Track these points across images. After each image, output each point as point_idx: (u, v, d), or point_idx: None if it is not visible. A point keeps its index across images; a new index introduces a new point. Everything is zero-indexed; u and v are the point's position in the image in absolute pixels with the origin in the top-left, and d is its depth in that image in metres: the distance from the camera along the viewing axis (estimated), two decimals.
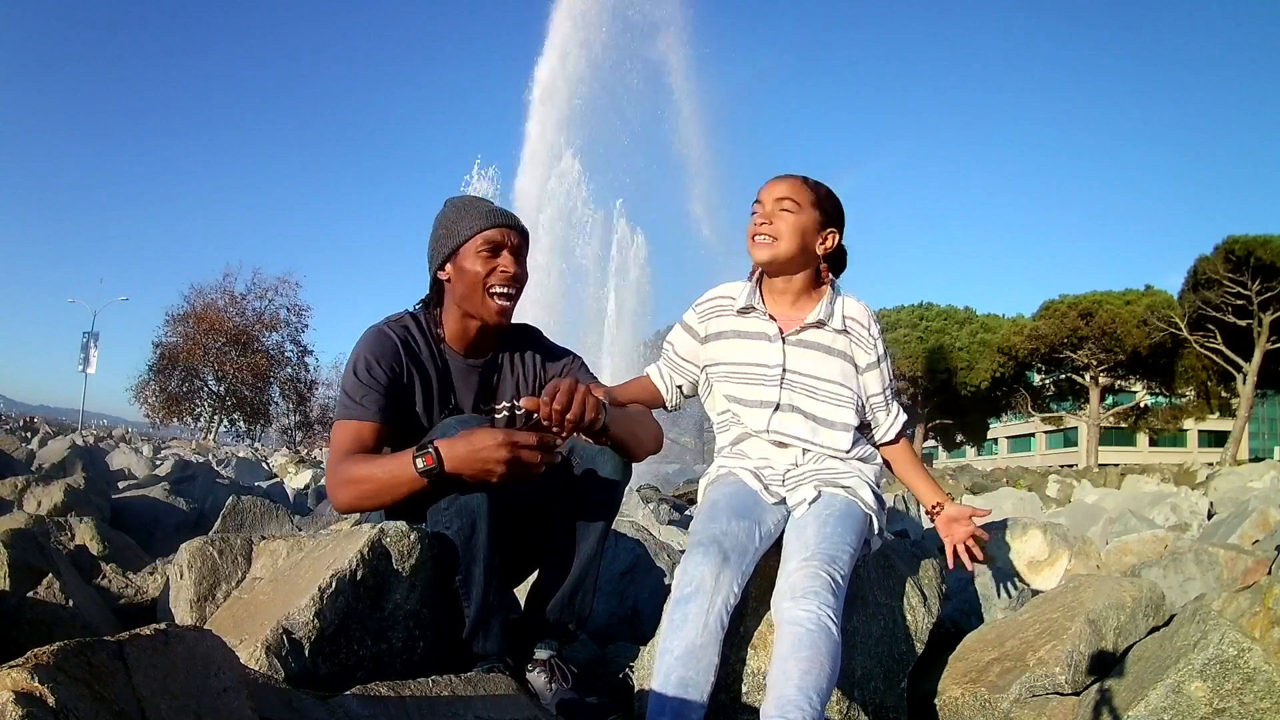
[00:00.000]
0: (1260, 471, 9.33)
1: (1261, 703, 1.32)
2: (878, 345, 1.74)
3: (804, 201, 1.70)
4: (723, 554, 1.45)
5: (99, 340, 32.73)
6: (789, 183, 1.73)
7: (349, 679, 1.29)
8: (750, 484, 1.66)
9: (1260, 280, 27.38)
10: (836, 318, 1.72)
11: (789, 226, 1.69)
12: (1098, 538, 4.31)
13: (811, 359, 1.71)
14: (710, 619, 1.38)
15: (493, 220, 1.68)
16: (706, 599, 1.39)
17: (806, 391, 1.70)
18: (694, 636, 1.36)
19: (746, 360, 1.74)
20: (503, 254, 1.68)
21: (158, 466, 7.18)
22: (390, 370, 1.64)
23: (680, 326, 1.86)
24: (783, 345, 1.72)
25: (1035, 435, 55.29)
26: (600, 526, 1.65)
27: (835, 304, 1.74)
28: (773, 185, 1.74)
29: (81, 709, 0.70)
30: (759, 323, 1.75)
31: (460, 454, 1.43)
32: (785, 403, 1.70)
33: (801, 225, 1.69)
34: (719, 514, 1.56)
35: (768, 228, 1.70)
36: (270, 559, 1.59)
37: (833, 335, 1.72)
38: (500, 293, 1.67)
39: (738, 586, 1.45)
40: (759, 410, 1.71)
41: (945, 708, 1.64)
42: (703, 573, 1.42)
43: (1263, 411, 49.96)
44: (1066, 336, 33.91)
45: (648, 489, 5.20)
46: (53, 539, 2.26)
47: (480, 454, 1.41)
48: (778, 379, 1.71)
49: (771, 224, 1.70)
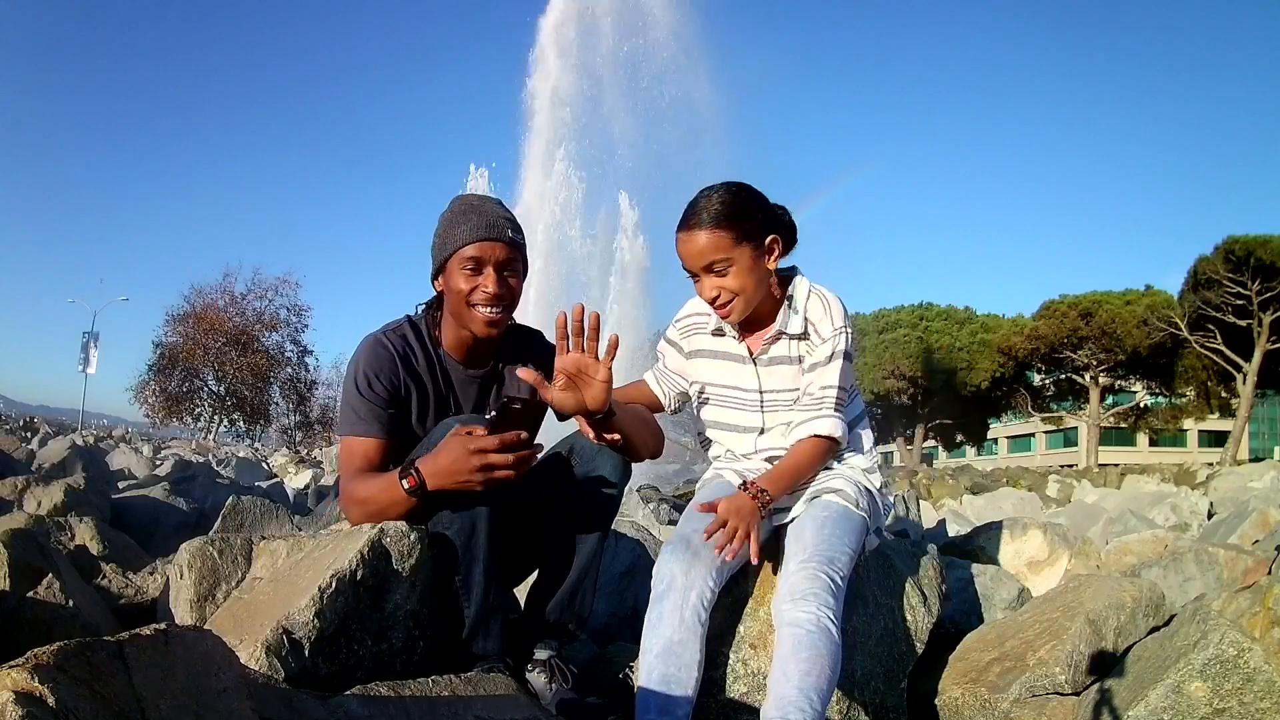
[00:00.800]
0: (1260, 471, 9.32)
1: (1261, 703, 1.32)
2: (831, 343, 1.62)
3: (728, 248, 1.57)
4: (691, 550, 1.46)
5: (99, 340, 32.74)
6: (698, 238, 1.57)
7: (349, 679, 1.29)
8: (735, 483, 1.66)
9: (1260, 280, 27.37)
10: (797, 322, 1.65)
11: (736, 281, 1.58)
12: (1098, 538, 4.31)
13: (783, 375, 1.68)
14: (685, 614, 1.40)
15: (475, 234, 1.61)
16: (680, 595, 1.41)
17: (787, 407, 1.68)
18: (670, 633, 1.38)
19: (726, 383, 1.73)
20: (485, 271, 1.62)
21: (158, 466, 7.17)
22: (389, 384, 1.64)
23: (665, 340, 1.84)
24: (755, 368, 1.69)
25: (1035, 435, 55.27)
26: (601, 527, 1.65)
27: (796, 308, 1.66)
28: (689, 250, 1.59)
29: (81, 709, 0.70)
30: (731, 344, 1.72)
31: (439, 470, 1.45)
32: (768, 424, 1.69)
33: (744, 270, 1.58)
34: (694, 514, 1.57)
35: (723, 296, 1.60)
36: (270, 559, 1.59)
37: (795, 344, 1.67)
38: (484, 310, 1.63)
39: (712, 581, 1.46)
40: (745, 435, 1.71)
41: (945, 708, 1.64)
42: (672, 570, 1.44)
43: (1263, 411, 49.95)
44: (1066, 336, 33.90)
45: (648, 489, 5.19)
46: (53, 539, 2.26)
47: (454, 468, 1.42)
48: (758, 403, 1.69)
49: (721, 290, 1.59)
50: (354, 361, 1.66)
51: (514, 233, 1.67)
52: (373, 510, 1.54)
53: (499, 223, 1.65)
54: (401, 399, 1.66)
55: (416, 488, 1.47)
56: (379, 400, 1.63)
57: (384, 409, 1.63)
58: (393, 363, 1.65)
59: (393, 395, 1.65)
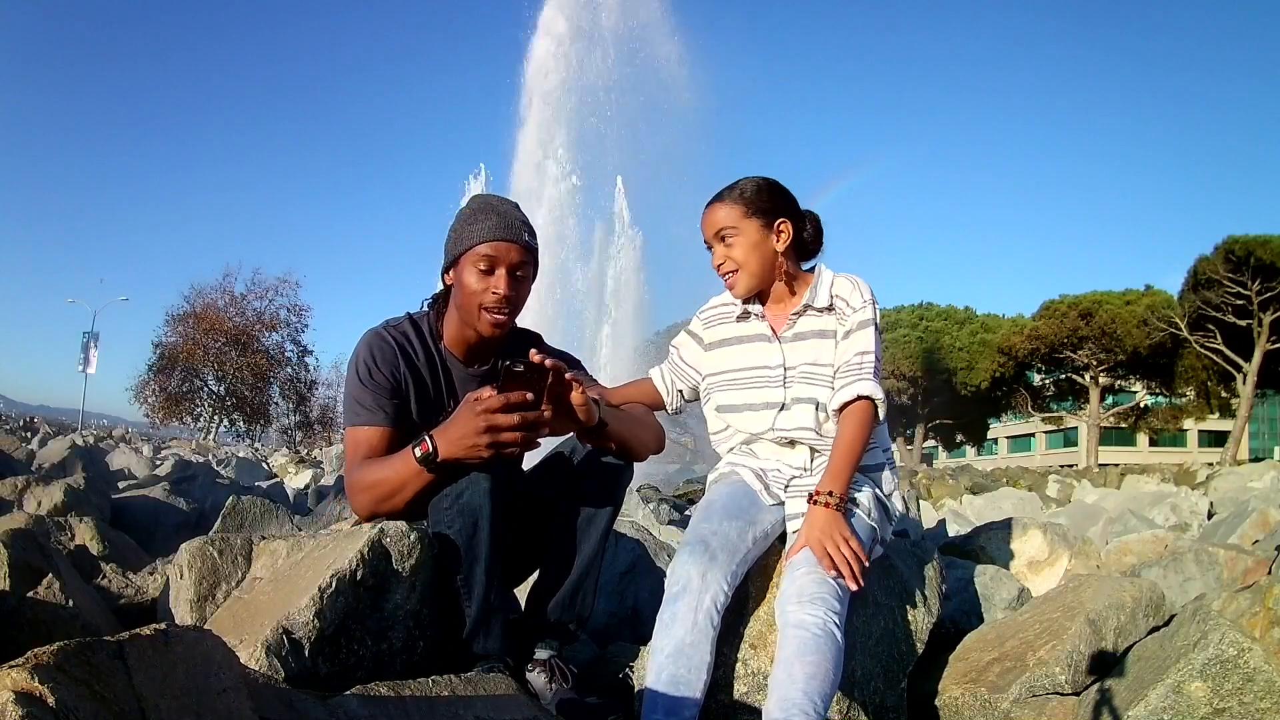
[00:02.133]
0: (1260, 471, 9.32)
1: (1261, 703, 1.32)
2: (861, 313, 1.66)
3: (738, 219, 1.68)
4: (710, 553, 1.46)
5: (99, 340, 32.73)
6: (716, 210, 1.71)
7: (349, 679, 1.29)
8: (751, 483, 1.66)
9: (1260, 280, 27.38)
10: (823, 297, 1.70)
11: (741, 252, 1.68)
12: (1098, 538, 4.31)
13: (808, 348, 1.69)
14: (699, 617, 1.39)
15: (493, 234, 1.62)
16: (694, 598, 1.41)
17: (808, 380, 1.68)
18: (683, 635, 1.38)
19: (748, 365, 1.74)
20: (497, 272, 1.62)
21: (158, 466, 7.17)
22: (391, 375, 1.64)
23: (686, 333, 1.87)
24: (780, 345, 1.71)
25: (1035, 435, 55.26)
26: (602, 527, 1.65)
27: (822, 285, 1.71)
28: (706, 219, 1.73)
29: (81, 709, 0.70)
30: (756, 325, 1.75)
31: (451, 437, 1.44)
32: (791, 399, 1.68)
33: (749, 243, 1.68)
34: (712, 514, 1.57)
35: (726, 265, 1.70)
36: (270, 559, 1.59)
37: (822, 317, 1.70)
38: (492, 312, 1.63)
39: (727, 585, 1.45)
40: (763, 412, 1.70)
41: (945, 708, 1.64)
42: (689, 572, 1.44)
43: (1263, 411, 49.96)
44: (1066, 336, 33.92)
45: (648, 489, 5.20)
46: (53, 539, 2.26)
47: (463, 433, 1.42)
48: (780, 378, 1.70)
49: (726, 259, 1.70)
50: (355, 354, 1.67)
51: (530, 236, 1.67)
52: (382, 493, 1.52)
53: (516, 225, 1.66)
54: (402, 391, 1.66)
55: (429, 454, 1.45)
56: (382, 390, 1.63)
57: (388, 398, 1.63)
58: (394, 354, 1.66)
59: (395, 386, 1.65)
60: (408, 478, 1.49)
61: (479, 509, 1.48)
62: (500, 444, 1.42)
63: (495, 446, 1.42)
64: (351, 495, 1.59)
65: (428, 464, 1.46)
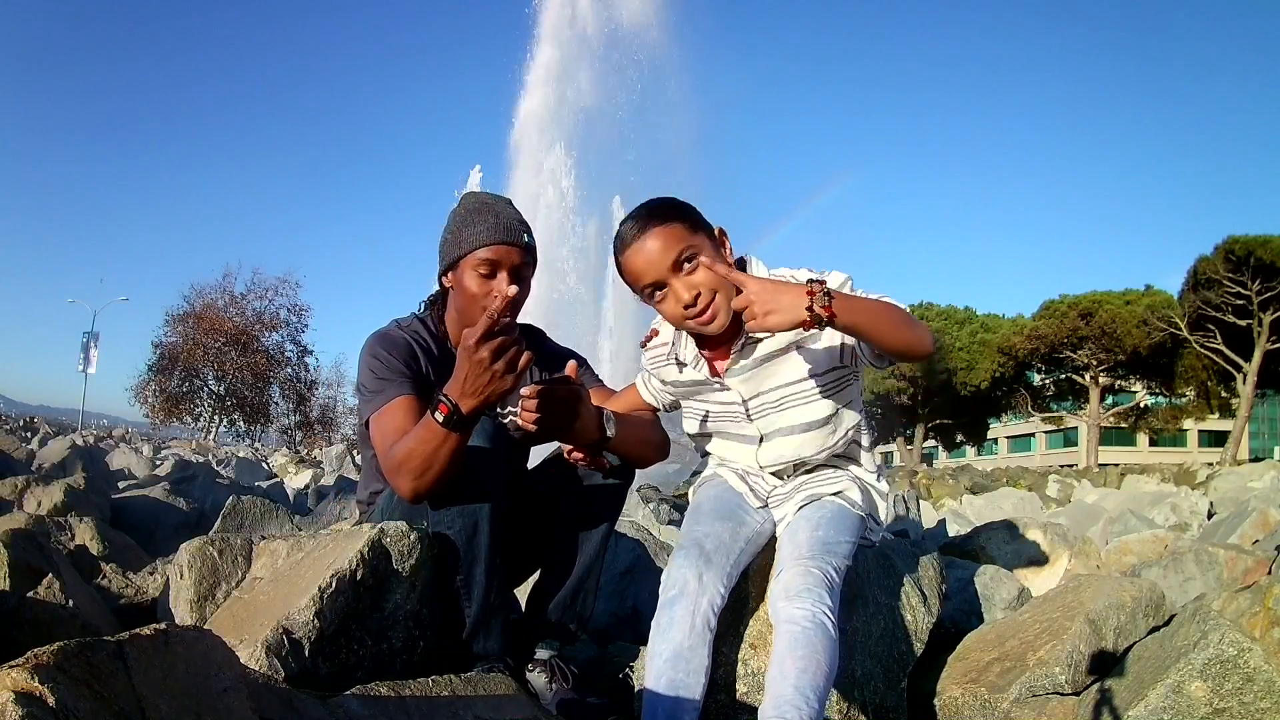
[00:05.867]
0: (1260, 471, 9.32)
1: (1261, 703, 1.32)
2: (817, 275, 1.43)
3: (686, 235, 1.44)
4: (705, 556, 1.45)
5: (99, 340, 32.74)
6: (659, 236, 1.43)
7: (349, 679, 1.29)
8: (735, 485, 1.64)
9: (1260, 280, 27.38)
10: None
11: (710, 275, 1.43)
12: (1098, 538, 4.31)
13: (760, 376, 1.54)
14: (696, 621, 1.38)
15: (492, 238, 1.59)
16: (691, 601, 1.40)
17: (775, 409, 1.57)
18: (681, 639, 1.37)
19: (712, 403, 1.63)
20: (499, 275, 1.60)
21: (158, 466, 7.17)
22: (404, 360, 1.63)
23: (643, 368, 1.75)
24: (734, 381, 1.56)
25: (1035, 435, 55.29)
26: (603, 527, 1.65)
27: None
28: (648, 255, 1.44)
29: (81, 709, 0.70)
30: (697, 374, 1.59)
31: (465, 387, 1.35)
32: (765, 433, 1.60)
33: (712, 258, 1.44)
34: (702, 516, 1.55)
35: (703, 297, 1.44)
36: (270, 559, 1.59)
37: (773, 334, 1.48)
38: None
39: (723, 587, 1.44)
40: (745, 446, 1.63)
41: (945, 708, 1.64)
42: (686, 575, 1.42)
43: (1263, 411, 49.99)
44: (1066, 336, 33.91)
45: (648, 489, 5.19)
46: (53, 539, 2.26)
47: (470, 374, 1.34)
48: (743, 414, 1.59)
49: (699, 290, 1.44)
50: (364, 348, 1.66)
51: (528, 236, 1.66)
52: (418, 465, 1.40)
53: (515, 226, 1.63)
54: (418, 371, 1.64)
55: (450, 414, 1.35)
56: (397, 368, 1.59)
57: (403, 370, 1.59)
58: (407, 345, 1.66)
59: (409, 363, 1.62)
60: (437, 445, 1.39)
61: (479, 509, 1.47)
62: (512, 362, 1.34)
63: (509, 368, 1.34)
64: (391, 479, 1.49)
65: (452, 424, 1.37)
